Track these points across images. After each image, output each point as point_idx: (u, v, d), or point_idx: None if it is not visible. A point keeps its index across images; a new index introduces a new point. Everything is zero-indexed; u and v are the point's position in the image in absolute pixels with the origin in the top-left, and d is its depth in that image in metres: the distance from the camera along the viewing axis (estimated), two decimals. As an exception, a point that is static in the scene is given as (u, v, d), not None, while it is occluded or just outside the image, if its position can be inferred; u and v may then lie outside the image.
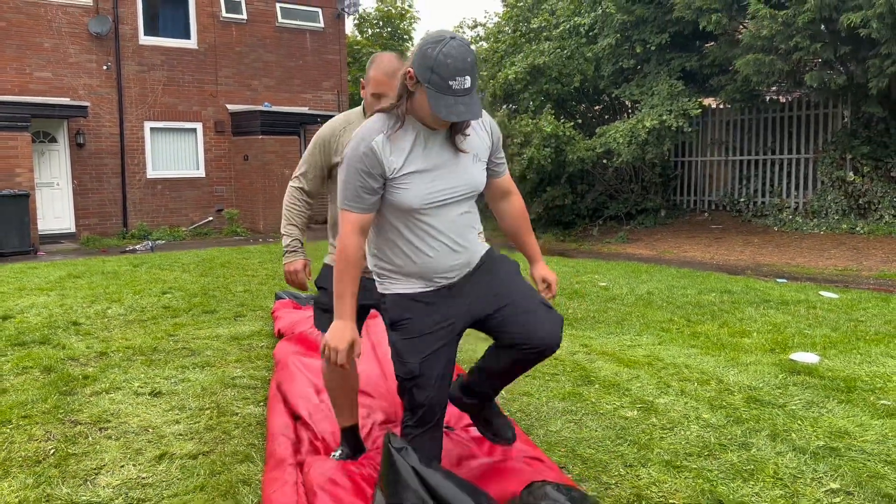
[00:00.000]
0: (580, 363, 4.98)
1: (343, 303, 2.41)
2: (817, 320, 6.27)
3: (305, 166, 3.21)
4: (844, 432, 3.63)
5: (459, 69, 2.22)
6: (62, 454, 3.53)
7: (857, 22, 9.22)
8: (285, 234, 3.27)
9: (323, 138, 3.16)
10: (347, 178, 2.39)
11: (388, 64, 2.98)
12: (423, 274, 2.48)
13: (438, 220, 2.44)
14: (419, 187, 2.38)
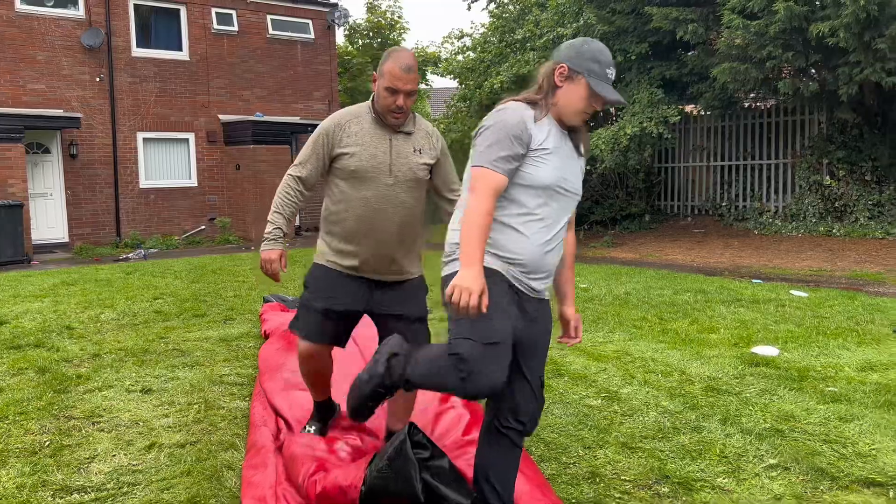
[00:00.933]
0: (553, 358, 5.22)
1: (477, 251, 2.30)
2: (783, 317, 6.54)
3: (306, 156, 3.19)
4: (791, 416, 3.89)
5: (611, 62, 2.47)
6: (57, 445, 3.75)
7: (826, 31, 9.54)
8: (269, 221, 3.28)
9: (328, 129, 3.15)
10: (497, 140, 2.38)
11: (407, 59, 3.01)
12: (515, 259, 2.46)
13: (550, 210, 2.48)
14: (555, 166, 2.45)
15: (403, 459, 2.54)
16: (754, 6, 10.24)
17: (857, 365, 4.86)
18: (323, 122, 3.21)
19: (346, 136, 3.11)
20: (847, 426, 3.72)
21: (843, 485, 3.08)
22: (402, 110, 3.05)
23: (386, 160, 3.10)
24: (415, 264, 3.32)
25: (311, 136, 3.21)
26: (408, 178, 3.14)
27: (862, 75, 9.88)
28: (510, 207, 2.46)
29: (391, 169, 3.10)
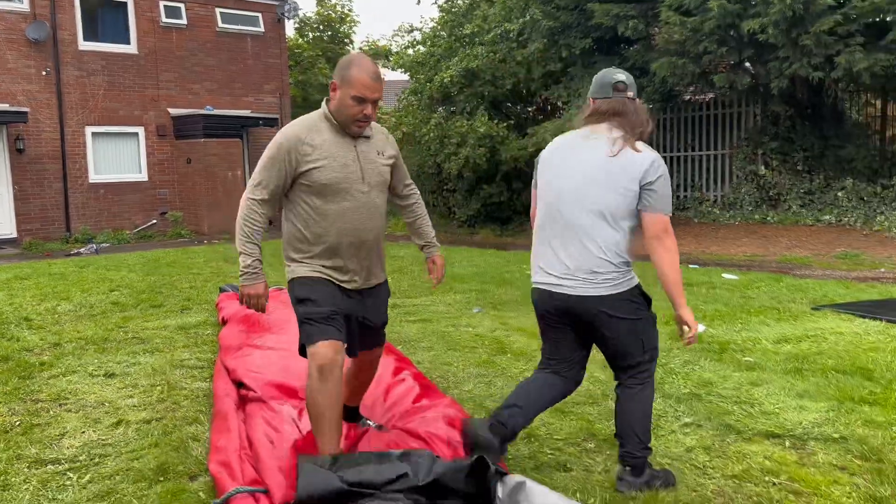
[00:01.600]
0: (498, 338, 5.59)
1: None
2: (713, 298, 7.02)
3: (266, 176, 2.96)
4: (708, 382, 4.31)
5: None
6: (27, 425, 3.94)
7: (756, 28, 10.09)
8: (244, 252, 2.99)
9: (288, 144, 2.94)
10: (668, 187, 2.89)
11: (373, 67, 2.96)
12: None
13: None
14: None
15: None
16: (690, 3, 10.74)
17: (774, 338, 5.33)
18: (276, 139, 3.00)
19: (311, 148, 2.94)
20: (756, 389, 4.15)
21: (746, 437, 3.49)
22: (368, 119, 2.96)
23: (356, 168, 2.99)
24: (382, 267, 3.27)
25: (266, 155, 2.99)
26: (378, 183, 3.08)
27: (790, 70, 10.46)
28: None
29: (364, 176, 3.01)
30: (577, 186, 2.94)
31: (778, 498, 2.88)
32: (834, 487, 2.95)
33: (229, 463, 3.16)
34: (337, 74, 2.99)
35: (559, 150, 3.08)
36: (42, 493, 3.11)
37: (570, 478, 3.11)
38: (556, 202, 2.99)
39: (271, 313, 5.34)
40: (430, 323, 6.22)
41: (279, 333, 4.88)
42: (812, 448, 3.34)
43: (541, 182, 3.10)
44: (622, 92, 2.99)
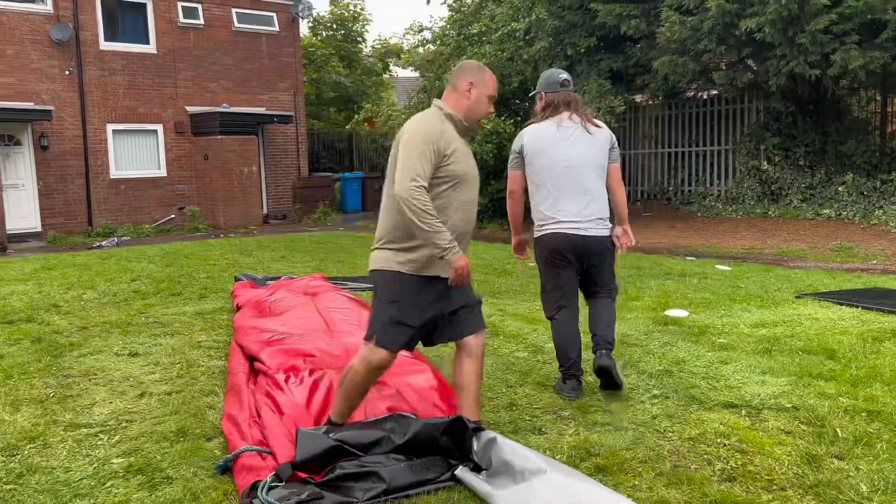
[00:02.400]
0: (493, 322, 5.96)
1: None
2: (703, 287, 7.35)
3: (423, 166, 3.10)
4: (681, 361, 4.66)
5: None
6: (60, 396, 4.38)
7: (754, 27, 10.37)
8: (438, 231, 3.06)
9: (433, 137, 3.15)
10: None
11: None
12: None
13: None
14: None
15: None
16: (690, 3, 11.05)
17: (752, 323, 5.67)
18: (420, 130, 3.19)
19: (448, 142, 3.17)
20: (725, 367, 4.50)
21: (707, 407, 3.85)
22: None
23: (474, 163, 3.36)
24: None
25: (418, 143, 3.13)
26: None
27: (788, 67, 10.75)
28: None
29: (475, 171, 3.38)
30: (581, 154, 4.05)
31: (726, 456, 3.24)
32: (777, 447, 3.30)
33: (240, 426, 3.57)
34: (470, 76, 3.31)
35: (549, 136, 4.09)
36: (77, 451, 3.53)
37: (544, 439, 3.49)
38: (569, 168, 4.04)
39: (279, 302, 5.77)
40: (432, 309, 6.61)
41: (286, 317, 5.28)
42: (765, 416, 3.70)
43: (542, 160, 4.08)
44: (567, 87, 4.14)
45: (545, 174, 4.07)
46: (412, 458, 2.94)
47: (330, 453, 2.95)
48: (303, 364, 4.10)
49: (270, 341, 4.57)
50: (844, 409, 3.71)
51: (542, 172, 4.07)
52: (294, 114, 18.11)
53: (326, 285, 6.76)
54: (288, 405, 3.68)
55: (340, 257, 10.63)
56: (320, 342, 4.34)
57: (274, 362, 4.19)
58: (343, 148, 22.36)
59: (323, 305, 5.42)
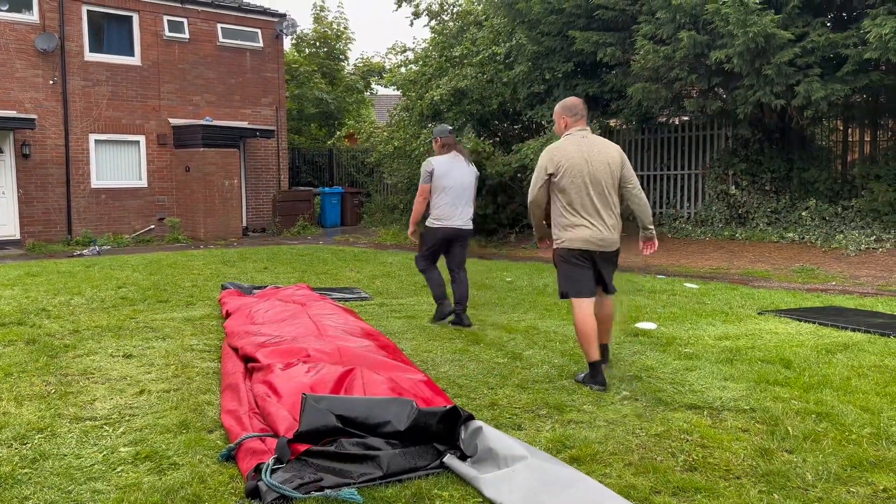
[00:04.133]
0: (474, 332, 6.26)
1: None
2: (671, 303, 7.73)
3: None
4: (650, 367, 5.00)
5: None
6: (62, 392, 4.58)
7: (723, 58, 10.89)
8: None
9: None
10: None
11: None
12: None
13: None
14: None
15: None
16: (663, 33, 11.54)
17: (716, 335, 6.03)
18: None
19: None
20: (690, 374, 4.85)
21: (672, 408, 4.18)
22: None
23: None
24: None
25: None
26: None
27: (755, 97, 11.26)
28: None
29: None
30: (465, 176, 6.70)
31: (688, 449, 3.56)
32: (734, 443, 3.63)
33: (240, 418, 3.81)
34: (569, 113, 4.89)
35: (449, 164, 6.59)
36: (85, 440, 3.75)
37: (523, 434, 3.78)
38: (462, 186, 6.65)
39: (270, 309, 6.01)
40: (414, 319, 6.89)
41: (278, 322, 5.53)
42: (724, 416, 4.04)
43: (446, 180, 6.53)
44: (452, 135, 6.81)
45: (448, 188, 6.51)
46: (407, 445, 3.21)
47: (333, 430, 3.21)
48: (298, 363, 4.35)
49: (265, 343, 4.81)
50: (796, 410, 4.06)
51: (447, 187, 6.51)
52: (276, 128, 18.36)
53: (313, 294, 7.02)
54: (286, 389, 3.89)
55: (322, 269, 10.87)
56: (314, 344, 4.60)
57: (270, 361, 4.44)
58: (323, 163, 22.63)
59: (313, 312, 5.68)
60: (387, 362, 4.34)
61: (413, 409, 3.29)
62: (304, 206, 18.95)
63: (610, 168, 4.71)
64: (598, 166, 4.67)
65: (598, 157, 4.69)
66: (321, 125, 23.09)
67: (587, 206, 4.67)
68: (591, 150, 4.71)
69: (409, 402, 3.34)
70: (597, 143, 4.79)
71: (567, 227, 4.73)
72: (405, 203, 17.32)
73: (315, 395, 3.38)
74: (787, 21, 10.56)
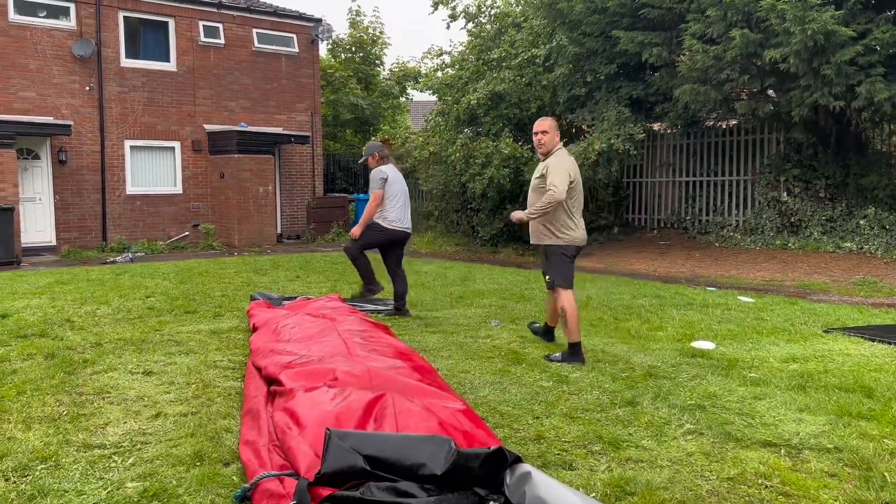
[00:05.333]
0: (514, 349, 5.82)
1: None
2: (727, 319, 7.19)
3: None
4: (714, 395, 4.51)
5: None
6: (73, 415, 4.26)
7: (778, 57, 10.30)
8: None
9: None
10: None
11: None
12: None
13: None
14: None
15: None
16: (713, 32, 10.99)
17: (782, 357, 5.50)
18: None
19: None
20: (759, 403, 4.34)
21: (744, 445, 3.69)
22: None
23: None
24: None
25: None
26: None
27: (812, 98, 10.65)
28: None
29: None
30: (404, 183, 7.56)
31: (768, 499, 3.08)
32: (823, 491, 3.14)
33: (259, 452, 3.43)
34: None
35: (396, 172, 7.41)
36: (90, 473, 3.40)
37: (575, 475, 3.34)
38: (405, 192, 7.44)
39: (297, 325, 5.64)
40: (451, 335, 6.47)
41: (305, 340, 5.16)
42: (806, 456, 3.54)
43: (397, 186, 7.33)
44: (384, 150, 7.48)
45: (400, 193, 7.35)
46: (445, 491, 2.79)
47: (360, 472, 2.81)
48: (323, 386, 3.96)
49: (290, 364, 4.44)
50: (890, 451, 3.55)
51: (399, 192, 7.32)
52: (311, 134, 18.15)
53: (344, 307, 6.65)
54: (309, 418, 3.51)
55: (355, 278, 10.50)
56: (342, 365, 4.20)
57: (294, 384, 4.06)
58: (358, 169, 22.37)
59: (342, 328, 5.30)
60: (421, 387, 3.93)
61: (452, 450, 2.87)
62: (339, 213, 18.68)
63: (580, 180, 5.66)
64: (580, 178, 5.64)
65: (577, 173, 5.60)
66: (356, 131, 22.84)
67: (579, 211, 5.59)
68: (576, 166, 5.65)
69: (448, 441, 2.92)
70: (573, 161, 5.72)
71: (571, 228, 5.53)
72: (440, 210, 16.94)
73: (340, 432, 2.98)
74: (849, 17, 9.94)
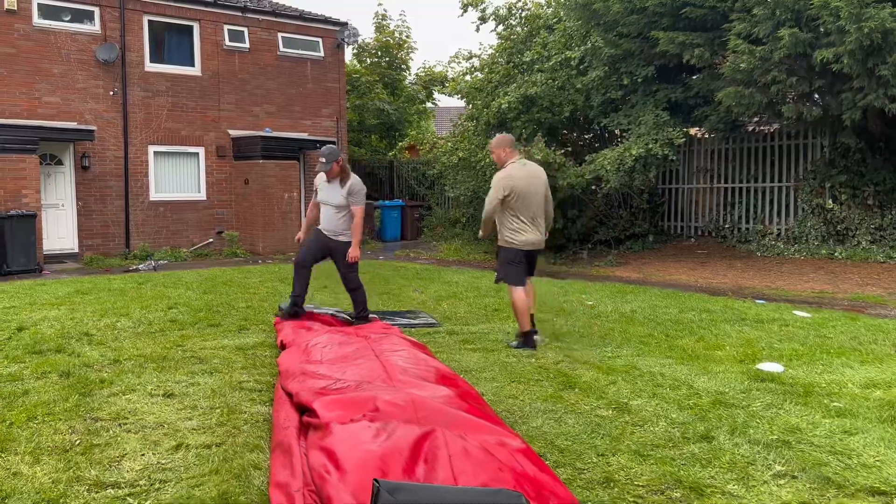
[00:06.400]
0: (563, 371, 5.36)
1: None
2: (787, 336, 6.66)
3: None
4: (797, 428, 4.01)
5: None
6: (87, 445, 3.88)
7: (830, 58, 9.74)
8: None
9: None
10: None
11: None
12: None
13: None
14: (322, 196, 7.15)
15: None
16: (759, 32, 10.45)
17: (861, 382, 4.99)
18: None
19: None
20: (852, 439, 3.85)
21: (849, 493, 3.20)
22: None
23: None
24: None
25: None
26: None
27: (865, 101, 10.07)
28: None
29: None
30: None
31: (893, 565, 2.60)
32: (956, 556, 2.65)
33: (293, 499, 3.02)
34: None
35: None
36: (102, 519, 3.00)
37: (657, 529, 2.88)
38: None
39: (326, 347, 5.21)
40: (491, 352, 6.02)
41: (340, 362, 4.74)
42: (924, 508, 3.05)
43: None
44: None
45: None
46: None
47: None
48: (363, 418, 3.53)
49: (324, 390, 4.02)
50: None
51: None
52: (336, 140, 17.81)
53: (378, 323, 6.23)
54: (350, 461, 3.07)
55: (383, 288, 10.11)
56: (383, 393, 3.77)
57: (329, 415, 3.64)
58: (383, 175, 22.03)
59: (379, 348, 4.87)
60: (472, 421, 3.49)
61: (523, 508, 2.43)
62: (365, 220, 18.29)
63: (544, 189, 6.29)
64: (536, 188, 6.17)
65: (536, 180, 6.21)
66: (382, 136, 22.49)
67: (528, 217, 6.13)
68: (530, 174, 6.19)
69: (518, 497, 2.48)
70: (533, 168, 6.31)
71: (517, 233, 6.15)
72: (468, 216, 16.51)
73: (390, 484, 2.54)
74: (908, 14, 9.36)
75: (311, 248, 7.03)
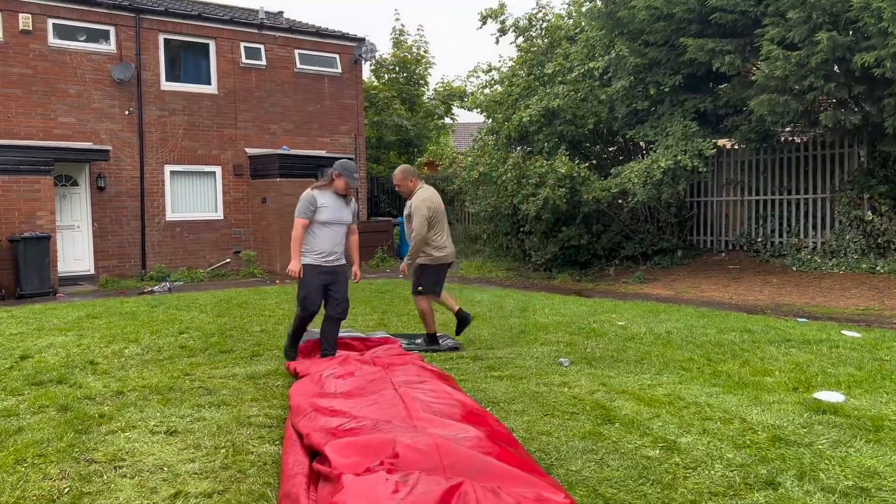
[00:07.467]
0: (600, 402, 4.91)
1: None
2: (840, 359, 6.16)
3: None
4: (874, 472, 3.53)
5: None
6: (76, 493, 3.50)
7: (871, 62, 9.25)
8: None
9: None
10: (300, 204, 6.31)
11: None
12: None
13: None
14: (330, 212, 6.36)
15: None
16: (794, 36, 9.99)
17: (934, 413, 4.48)
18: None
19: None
20: (940, 484, 3.36)
21: (950, 555, 2.73)
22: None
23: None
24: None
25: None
26: None
27: (908, 107, 9.56)
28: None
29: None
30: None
31: None
32: None
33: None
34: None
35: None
36: (82, 589, 2.61)
37: None
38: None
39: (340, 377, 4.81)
40: (520, 380, 5.58)
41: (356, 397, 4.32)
42: None
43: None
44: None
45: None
46: None
47: None
48: (380, 467, 3.12)
49: (337, 430, 3.61)
50: None
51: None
52: (354, 157, 17.52)
53: (397, 349, 5.82)
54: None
55: (403, 309, 9.70)
56: (403, 435, 3.34)
57: (342, 462, 3.22)
58: (402, 192, 21.66)
59: (399, 380, 4.45)
60: (506, 470, 3.05)
61: None
62: (383, 238, 17.98)
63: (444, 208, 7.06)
64: (442, 205, 7.00)
65: (440, 199, 7.01)
66: (400, 153, 22.17)
67: (444, 233, 6.89)
68: (436, 195, 6.96)
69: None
70: (434, 190, 7.03)
71: (437, 249, 6.86)
72: (488, 233, 16.10)
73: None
74: (954, 15, 8.86)
75: (319, 292, 6.22)
